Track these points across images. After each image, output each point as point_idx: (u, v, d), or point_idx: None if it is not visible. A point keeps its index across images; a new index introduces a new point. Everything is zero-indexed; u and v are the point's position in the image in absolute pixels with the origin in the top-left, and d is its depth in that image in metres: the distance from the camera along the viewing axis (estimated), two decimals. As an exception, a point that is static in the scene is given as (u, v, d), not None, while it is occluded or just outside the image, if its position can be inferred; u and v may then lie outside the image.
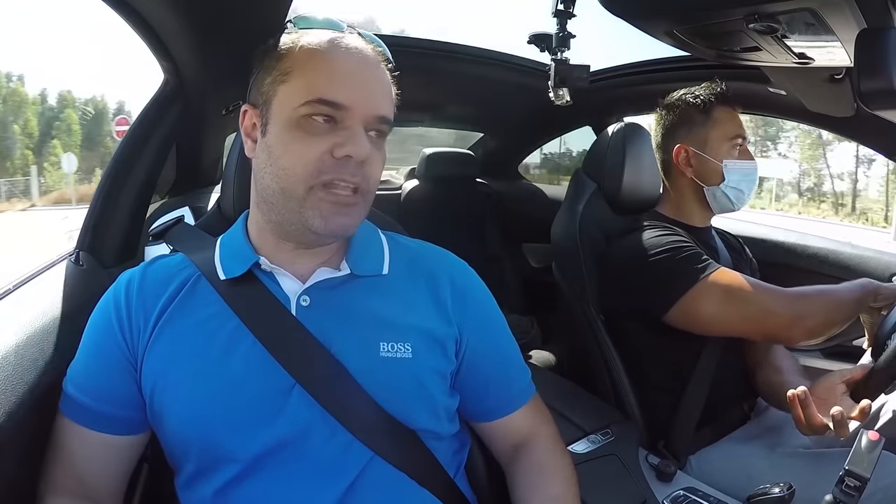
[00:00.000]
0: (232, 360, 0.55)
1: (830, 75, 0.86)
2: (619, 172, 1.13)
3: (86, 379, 0.57)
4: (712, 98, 1.04)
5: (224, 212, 0.79)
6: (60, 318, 0.67)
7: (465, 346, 0.64)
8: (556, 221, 1.23)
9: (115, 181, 0.87)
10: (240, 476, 0.53)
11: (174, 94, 0.92)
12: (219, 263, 0.60)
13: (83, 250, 0.84)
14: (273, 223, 0.58)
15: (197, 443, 0.54)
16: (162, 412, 0.55)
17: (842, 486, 0.61)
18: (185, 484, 0.56)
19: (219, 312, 0.57)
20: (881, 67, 0.54)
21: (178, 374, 0.54)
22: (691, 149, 1.05)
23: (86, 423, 0.55)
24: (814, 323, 0.88)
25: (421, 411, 0.59)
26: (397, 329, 0.59)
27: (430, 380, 0.60)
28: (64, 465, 0.55)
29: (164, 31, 0.79)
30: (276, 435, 0.53)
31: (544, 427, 0.69)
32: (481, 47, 1.42)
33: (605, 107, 1.64)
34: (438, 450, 0.61)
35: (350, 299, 0.60)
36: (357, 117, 0.54)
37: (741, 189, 1.04)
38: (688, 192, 1.07)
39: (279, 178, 0.54)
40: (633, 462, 0.84)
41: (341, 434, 0.54)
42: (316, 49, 0.55)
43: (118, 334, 0.56)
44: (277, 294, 0.58)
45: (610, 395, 1.05)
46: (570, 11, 0.93)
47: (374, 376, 0.56)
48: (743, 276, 0.92)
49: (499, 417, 0.67)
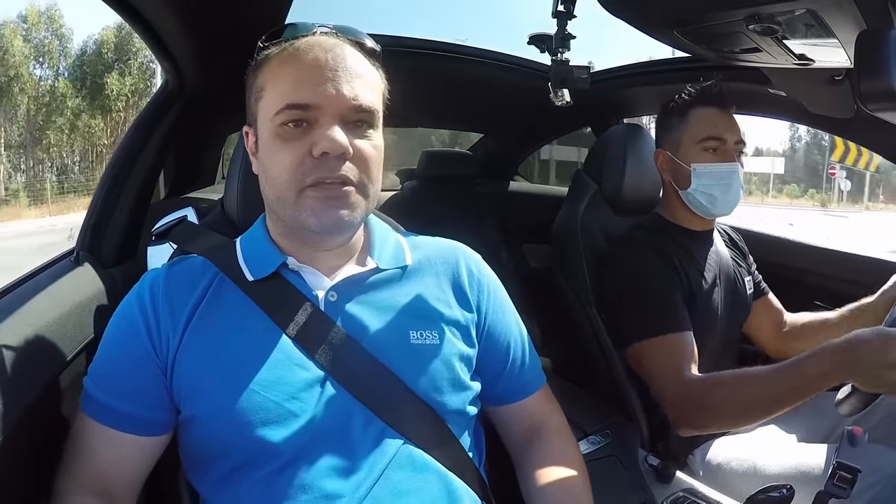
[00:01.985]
0: (265, 357, 0.56)
1: (830, 76, 0.86)
2: (620, 173, 1.13)
3: (110, 379, 0.57)
4: (687, 99, 1.02)
5: (228, 212, 0.79)
6: (60, 318, 0.67)
7: (484, 330, 0.66)
8: (557, 222, 1.23)
9: (115, 181, 0.88)
10: (281, 467, 0.54)
11: (174, 95, 0.92)
12: (244, 265, 0.61)
13: (83, 250, 0.85)
14: (284, 227, 0.61)
15: (238, 439, 0.54)
16: (199, 412, 0.55)
17: (834, 480, 0.62)
18: (221, 479, 0.56)
19: (248, 312, 0.58)
20: (881, 69, 0.54)
21: (214, 374, 0.55)
22: (667, 153, 1.06)
23: (110, 424, 0.56)
24: (719, 418, 0.85)
25: (452, 394, 0.60)
26: (424, 317, 0.62)
27: (458, 363, 0.61)
28: (85, 462, 0.56)
29: (165, 32, 0.79)
30: (314, 426, 0.54)
31: (557, 415, 0.71)
32: (481, 48, 1.42)
33: (605, 108, 1.64)
34: (464, 438, 0.62)
35: (377, 292, 0.62)
36: (329, 113, 0.55)
37: (712, 193, 1.00)
38: (673, 196, 1.07)
39: (273, 189, 0.58)
40: (633, 463, 0.84)
41: (375, 422, 0.56)
42: (281, 59, 0.57)
43: (144, 336, 0.57)
44: (305, 291, 0.60)
45: (610, 396, 1.05)
46: (571, 12, 0.93)
47: (407, 363, 0.58)
48: (687, 350, 0.91)
49: (515, 401, 0.69)
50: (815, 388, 0.74)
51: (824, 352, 0.73)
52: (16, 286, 0.71)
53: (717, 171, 1.00)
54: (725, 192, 1.01)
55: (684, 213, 1.07)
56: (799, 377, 0.75)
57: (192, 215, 0.79)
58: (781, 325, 1.16)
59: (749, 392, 0.81)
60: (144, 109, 0.93)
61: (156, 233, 0.75)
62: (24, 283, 0.72)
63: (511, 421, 0.70)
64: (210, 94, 0.97)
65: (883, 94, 0.55)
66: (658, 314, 0.95)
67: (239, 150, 0.78)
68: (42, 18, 20.90)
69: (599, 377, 1.08)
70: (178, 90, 0.91)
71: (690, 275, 1.01)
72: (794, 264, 1.36)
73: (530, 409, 0.70)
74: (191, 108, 0.95)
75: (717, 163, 1.00)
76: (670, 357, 0.91)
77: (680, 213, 1.08)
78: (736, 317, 1.09)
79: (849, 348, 0.70)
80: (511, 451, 0.70)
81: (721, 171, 1.00)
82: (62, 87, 21.03)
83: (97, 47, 21.36)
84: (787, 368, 0.76)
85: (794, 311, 1.19)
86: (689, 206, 1.05)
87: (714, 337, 1.03)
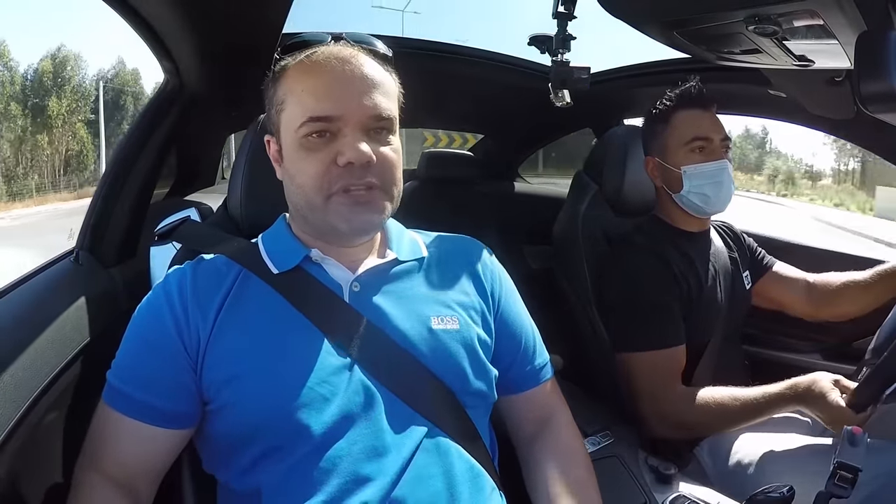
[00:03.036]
0: (294, 346, 0.58)
1: (830, 78, 0.86)
2: (620, 174, 1.13)
3: (137, 372, 0.58)
4: (669, 104, 1.03)
5: (231, 212, 0.80)
6: (60, 318, 0.67)
7: (498, 318, 0.69)
8: (558, 223, 1.23)
9: (116, 181, 0.88)
10: (310, 452, 0.55)
11: (175, 95, 0.92)
12: (268, 259, 0.63)
13: (83, 249, 0.85)
14: (313, 229, 0.64)
15: (272, 423, 0.55)
16: (231, 400, 0.57)
17: (835, 480, 0.62)
18: (249, 465, 0.57)
19: (274, 304, 0.60)
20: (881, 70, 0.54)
21: (247, 362, 0.57)
22: (656, 159, 1.06)
23: (136, 416, 0.57)
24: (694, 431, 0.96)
25: (474, 377, 0.62)
26: (444, 304, 0.64)
27: (479, 347, 0.63)
28: (109, 453, 0.57)
29: (165, 32, 0.79)
30: (342, 411, 0.55)
31: (564, 409, 0.73)
32: (481, 49, 1.42)
33: (605, 108, 1.64)
34: (481, 426, 0.64)
35: (398, 282, 0.65)
36: (351, 123, 0.58)
37: (705, 193, 1.01)
38: (667, 201, 1.08)
39: (301, 195, 0.61)
40: (633, 464, 0.84)
41: (401, 407, 0.58)
42: (299, 71, 0.60)
43: (172, 330, 0.58)
44: (328, 283, 0.62)
45: (611, 396, 1.05)
46: (571, 13, 0.93)
47: (429, 348, 0.60)
48: (674, 367, 0.95)
49: (527, 389, 0.71)
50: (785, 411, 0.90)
51: (790, 392, 0.86)
52: (16, 286, 0.71)
53: (707, 170, 1.01)
54: (718, 190, 1.01)
55: (680, 216, 1.08)
56: (771, 406, 0.88)
57: (195, 216, 0.79)
58: (805, 288, 1.14)
59: (725, 415, 0.90)
60: (144, 109, 0.93)
61: (159, 233, 0.75)
62: (24, 283, 0.72)
63: (521, 410, 0.71)
64: (210, 94, 0.97)
65: (883, 95, 0.55)
66: (649, 328, 0.96)
67: (243, 152, 0.78)
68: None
69: (600, 378, 1.08)
70: (178, 90, 0.91)
71: (690, 279, 1.01)
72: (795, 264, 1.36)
73: (540, 399, 0.71)
74: (191, 108, 0.95)
75: (706, 162, 1.01)
76: (652, 375, 0.95)
77: (676, 216, 1.08)
78: (737, 311, 1.09)
79: (803, 394, 0.85)
80: (519, 443, 0.71)
81: (711, 169, 1.01)
82: (14, 109, 25.45)
83: (38, 76, 26.15)
84: (761, 398, 0.88)
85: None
86: (684, 208, 1.05)
87: (716, 333, 1.04)
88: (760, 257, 1.19)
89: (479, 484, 0.58)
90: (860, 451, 0.63)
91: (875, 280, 1.05)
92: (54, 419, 0.63)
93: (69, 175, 25.99)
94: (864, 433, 0.65)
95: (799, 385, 0.86)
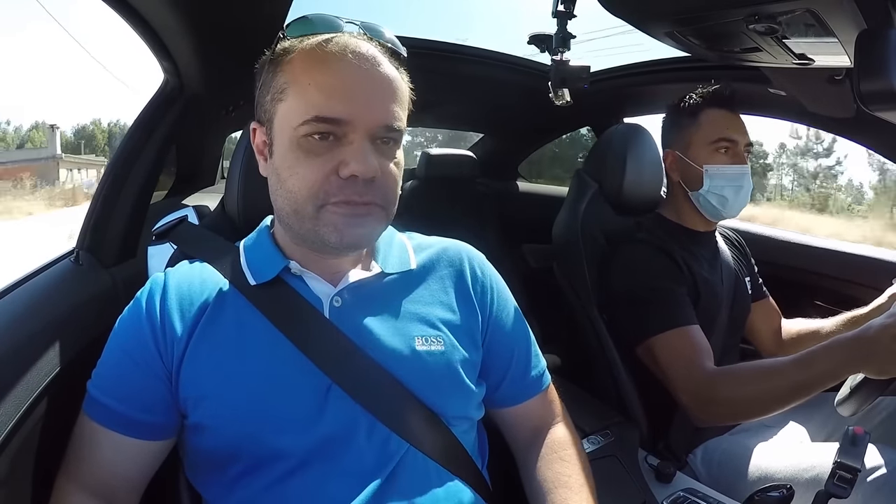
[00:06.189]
0: (271, 363, 0.55)
1: (830, 76, 0.86)
2: (620, 173, 1.13)
3: (115, 383, 0.56)
4: (700, 100, 1.03)
5: (229, 213, 0.79)
6: (60, 318, 0.67)
7: (487, 333, 0.65)
8: (558, 222, 1.23)
9: (115, 181, 0.87)
10: (288, 472, 0.54)
11: (174, 95, 0.92)
12: (246, 269, 0.60)
13: (83, 250, 0.84)
14: (296, 236, 0.58)
15: (245, 444, 0.54)
16: (205, 420, 0.55)
17: (834, 479, 0.62)
18: (229, 483, 0.56)
19: (250, 320, 0.57)
20: (881, 68, 0.54)
21: (218, 383, 0.54)
22: (676, 153, 1.06)
23: (114, 427, 0.55)
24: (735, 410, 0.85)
25: (456, 399, 0.60)
26: (430, 322, 0.60)
27: (463, 369, 0.60)
28: (88, 464, 0.55)
29: (165, 32, 0.79)
30: (320, 432, 0.54)
31: (562, 416, 0.70)
32: (481, 48, 1.42)
33: (605, 107, 1.64)
34: (467, 441, 0.62)
35: (382, 297, 0.61)
36: (360, 130, 0.52)
37: (724, 195, 1.01)
38: (681, 197, 1.08)
39: (289, 201, 0.54)
40: (633, 463, 0.84)
41: (380, 429, 0.55)
42: (309, 60, 0.53)
43: (150, 342, 0.56)
44: (309, 297, 0.58)
45: (611, 396, 1.05)
46: (571, 12, 0.93)
47: (412, 369, 0.57)
48: (699, 343, 0.90)
49: (520, 402, 0.68)
50: (828, 381, 0.75)
51: (836, 343, 0.74)
52: (16, 286, 0.71)
53: (730, 172, 1.01)
54: (736, 194, 1.01)
55: (690, 214, 1.07)
56: (813, 369, 0.75)
57: (192, 216, 0.79)
58: (778, 330, 1.17)
59: (762, 385, 0.81)
60: (144, 109, 0.93)
61: (156, 233, 0.75)
62: (24, 283, 0.72)
63: (515, 423, 0.69)
64: (210, 94, 0.97)
65: (883, 93, 0.55)
66: (668, 309, 0.94)
67: (240, 151, 0.78)
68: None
69: (600, 377, 1.08)
70: (178, 90, 0.91)
71: (695, 274, 1.00)
72: (795, 264, 1.36)
73: (536, 409, 0.69)
74: (191, 108, 0.95)
75: (729, 164, 1.01)
76: (684, 350, 0.91)
77: (686, 213, 1.08)
78: (738, 316, 1.09)
79: (862, 334, 0.72)
80: (515, 451, 0.70)
81: (733, 172, 1.01)
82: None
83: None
84: (801, 361, 0.77)
85: (795, 310, 1.20)
86: (698, 208, 1.05)
87: (717, 336, 1.03)
88: (760, 283, 1.19)
89: (460, 502, 0.57)
90: (860, 451, 0.63)
91: (835, 330, 1.06)
92: (54, 419, 0.63)
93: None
94: (865, 433, 0.65)
95: (847, 337, 0.74)
